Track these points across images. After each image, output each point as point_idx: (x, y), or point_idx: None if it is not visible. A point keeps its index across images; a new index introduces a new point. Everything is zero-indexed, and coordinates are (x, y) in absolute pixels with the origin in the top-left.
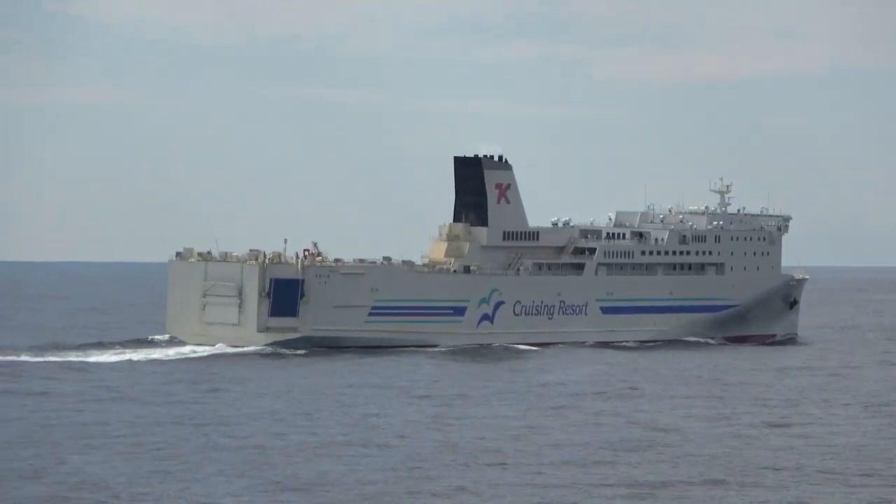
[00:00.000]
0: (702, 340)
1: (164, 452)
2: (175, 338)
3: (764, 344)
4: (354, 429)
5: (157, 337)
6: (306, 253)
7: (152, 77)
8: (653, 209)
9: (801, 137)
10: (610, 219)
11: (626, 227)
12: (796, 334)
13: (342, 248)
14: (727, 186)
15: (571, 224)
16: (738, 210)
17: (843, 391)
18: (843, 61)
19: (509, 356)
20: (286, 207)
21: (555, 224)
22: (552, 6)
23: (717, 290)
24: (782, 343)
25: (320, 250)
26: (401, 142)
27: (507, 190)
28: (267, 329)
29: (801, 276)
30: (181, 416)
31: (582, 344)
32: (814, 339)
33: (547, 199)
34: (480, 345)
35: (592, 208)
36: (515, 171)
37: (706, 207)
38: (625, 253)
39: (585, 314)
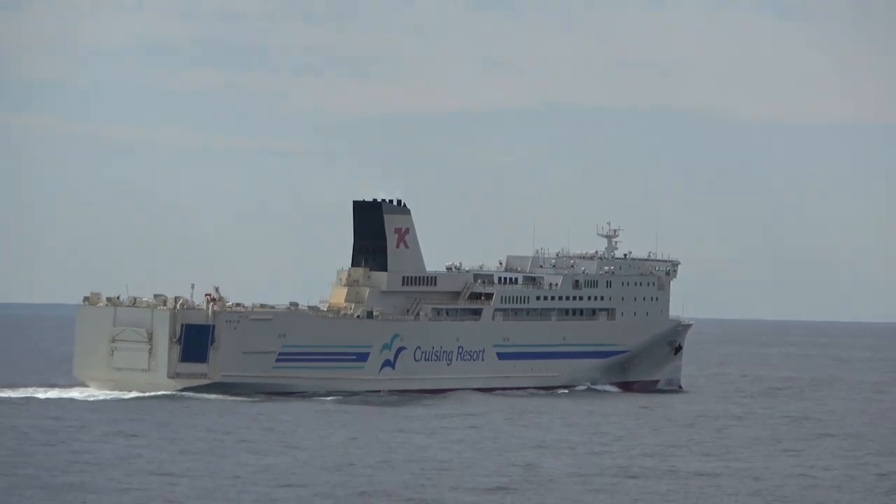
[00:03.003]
0: (597, 387)
1: None
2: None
3: (652, 391)
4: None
5: None
6: (208, 297)
7: None
8: (542, 253)
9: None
10: (501, 263)
11: (517, 271)
12: (679, 381)
13: (243, 292)
14: (615, 231)
15: (466, 269)
16: (625, 255)
17: None
18: (554, 96)
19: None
20: (184, 252)
21: (449, 269)
22: (240, 34)
23: (608, 336)
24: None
25: (222, 295)
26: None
27: (406, 234)
28: (177, 375)
29: (686, 322)
30: None
31: (478, 390)
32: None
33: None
34: (381, 391)
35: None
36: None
37: (595, 252)
38: (521, 298)
39: (482, 360)
